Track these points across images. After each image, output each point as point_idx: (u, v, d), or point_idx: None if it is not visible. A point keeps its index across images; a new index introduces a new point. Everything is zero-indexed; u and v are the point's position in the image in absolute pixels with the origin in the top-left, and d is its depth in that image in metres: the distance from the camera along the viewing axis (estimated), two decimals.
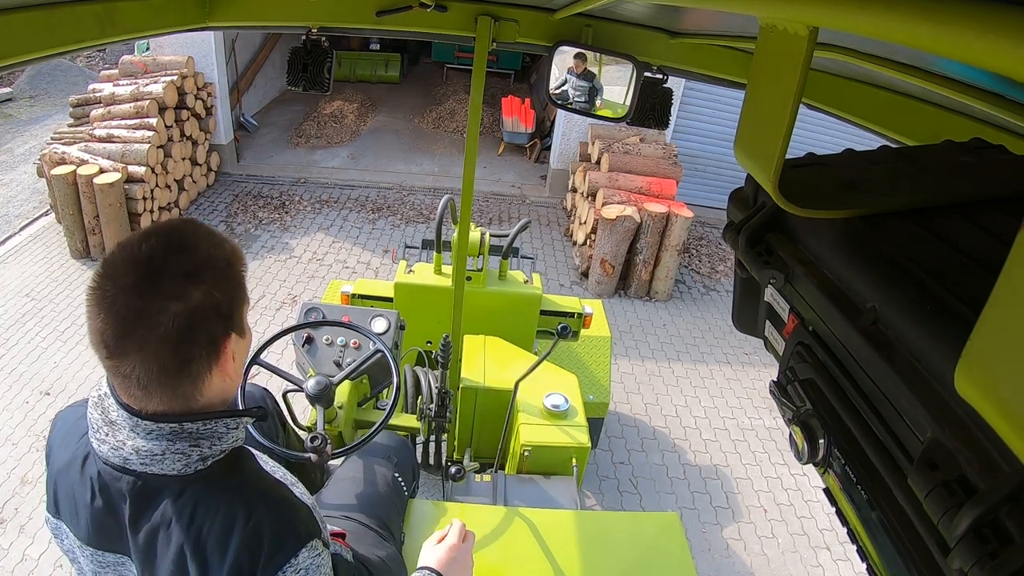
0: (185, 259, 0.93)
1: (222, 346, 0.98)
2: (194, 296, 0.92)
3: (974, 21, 0.33)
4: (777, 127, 0.56)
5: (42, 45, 1.14)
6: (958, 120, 1.03)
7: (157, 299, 0.90)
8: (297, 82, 2.10)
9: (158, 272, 0.91)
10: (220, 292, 0.96)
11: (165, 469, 0.97)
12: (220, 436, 1.01)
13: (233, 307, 0.99)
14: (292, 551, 0.99)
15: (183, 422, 0.97)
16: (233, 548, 0.96)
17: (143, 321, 0.89)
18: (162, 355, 0.91)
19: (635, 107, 1.96)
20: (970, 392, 0.38)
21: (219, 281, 0.96)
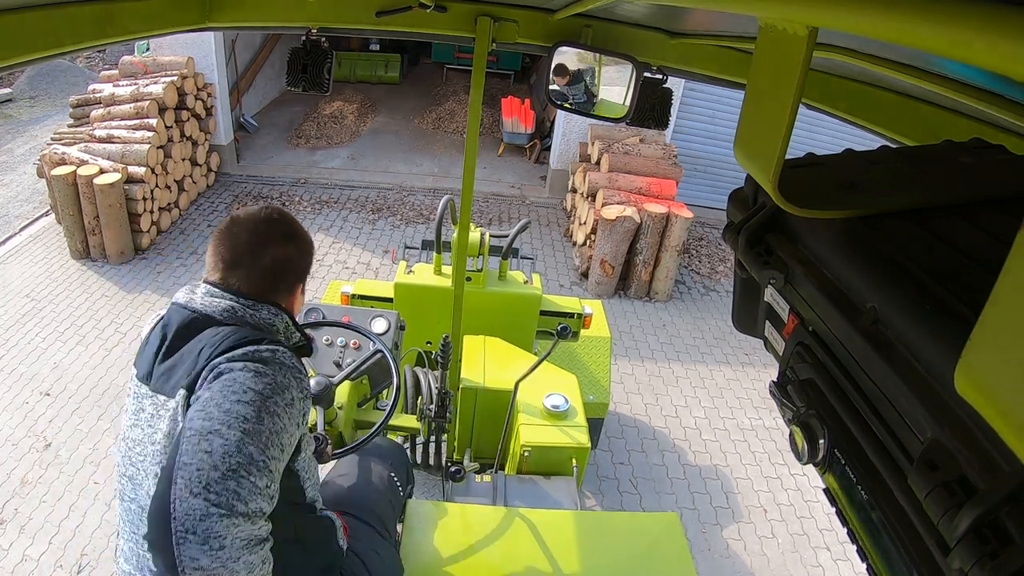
0: (286, 228, 1.44)
1: (295, 289, 1.47)
2: (288, 251, 1.42)
3: (974, 21, 0.33)
4: (777, 127, 0.56)
5: (42, 46, 1.14)
6: (958, 120, 1.04)
7: (266, 244, 1.39)
8: (297, 83, 2.10)
9: (269, 229, 1.41)
10: (301, 256, 1.47)
11: (215, 312, 1.32)
12: (266, 322, 1.37)
13: (306, 269, 1.49)
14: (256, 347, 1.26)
15: (247, 300, 1.36)
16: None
17: (254, 254, 1.37)
18: (256, 280, 1.37)
19: (635, 107, 1.96)
20: (970, 392, 0.38)
21: (302, 249, 1.48)
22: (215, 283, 1.37)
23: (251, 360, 1.22)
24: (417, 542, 2.04)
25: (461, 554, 2.03)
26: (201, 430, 1.11)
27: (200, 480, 1.07)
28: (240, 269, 1.36)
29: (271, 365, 1.23)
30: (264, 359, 1.23)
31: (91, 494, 3.55)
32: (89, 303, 5.28)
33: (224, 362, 1.21)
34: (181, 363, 1.28)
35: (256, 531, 1.11)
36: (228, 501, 1.07)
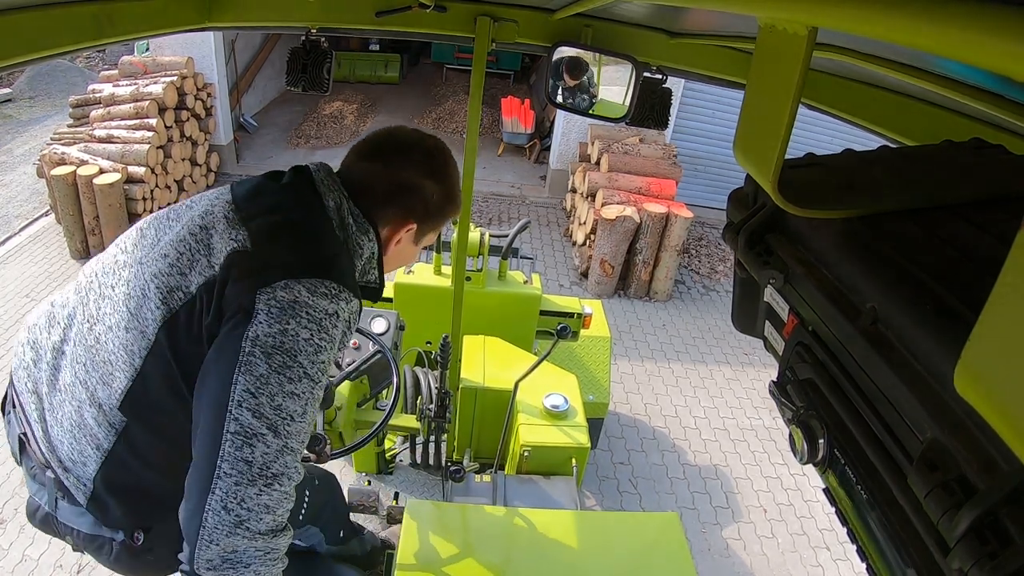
0: (442, 164, 1.32)
1: (406, 219, 1.31)
2: (423, 183, 1.29)
3: (974, 21, 0.33)
4: (776, 127, 0.56)
5: (41, 46, 1.14)
6: (957, 120, 1.04)
7: (411, 165, 1.29)
8: (296, 83, 2.10)
9: (428, 152, 1.31)
10: (433, 198, 1.31)
11: (318, 194, 1.27)
12: (356, 240, 1.26)
13: (430, 213, 1.33)
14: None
15: (356, 207, 1.26)
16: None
17: (399, 160, 1.28)
18: (386, 182, 1.28)
19: (634, 107, 1.96)
20: (969, 392, 0.38)
21: (444, 195, 1.33)
22: (338, 170, 1.31)
23: (314, 308, 1.05)
24: (417, 542, 2.04)
25: (461, 554, 2.03)
26: (247, 429, 1.00)
27: (236, 496, 0.98)
28: (375, 162, 1.28)
29: (331, 321, 1.08)
30: (327, 311, 1.07)
31: None
32: None
33: (284, 291, 1.04)
34: (231, 231, 1.13)
35: (276, 544, 1.04)
36: (257, 518, 1.00)
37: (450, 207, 1.37)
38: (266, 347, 1.02)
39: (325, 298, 1.08)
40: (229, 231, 1.15)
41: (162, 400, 1.15)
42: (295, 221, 1.18)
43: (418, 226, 1.34)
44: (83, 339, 1.22)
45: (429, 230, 1.39)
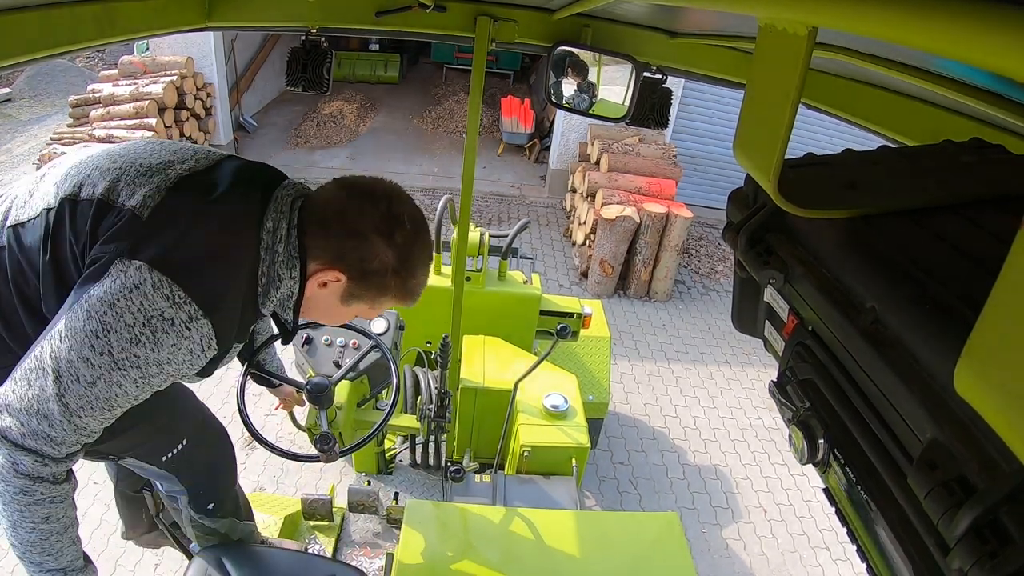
0: (402, 239, 1.20)
1: (335, 265, 1.20)
2: (373, 239, 1.18)
3: (974, 21, 0.33)
4: (776, 127, 0.56)
5: (41, 46, 1.14)
6: (957, 120, 1.04)
7: (376, 216, 1.19)
8: (296, 82, 2.10)
9: (394, 222, 1.20)
10: (375, 261, 1.19)
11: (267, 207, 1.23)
12: (276, 272, 1.21)
13: (366, 275, 1.21)
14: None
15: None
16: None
17: (371, 207, 1.19)
18: (339, 218, 1.19)
19: (634, 107, 1.96)
20: (969, 392, 0.38)
21: (384, 262, 1.20)
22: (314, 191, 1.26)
23: (149, 303, 1.07)
24: (417, 542, 2.04)
25: (461, 554, 2.03)
26: (41, 361, 1.10)
27: (7, 398, 1.10)
28: (349, 198, 1.20)
29: (162, 325, 1.08)
30: (161, 314, 1.08)
31: (91, 494, 3.55)
32: None
33: (136, 273, 1.06)
34: (156, 188, 1.15)
35: (32, 487, 1.12)
36: (13, 426, 1.09)
37: (393, 284, 1.24)
38: (91, 309, 1.04)
39: (166, 300, 1.06)
40: (156, 186, 1.15)
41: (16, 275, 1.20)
42: (204, 224, 1.14)
43: (348, 281, 1.22)
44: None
45: (362, 296, 1.26)
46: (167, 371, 1.11)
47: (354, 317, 1.36)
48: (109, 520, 3.42)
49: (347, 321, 1.40)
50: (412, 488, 3.16)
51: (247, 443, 4.04)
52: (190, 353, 1.12)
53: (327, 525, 2.81)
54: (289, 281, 1.22)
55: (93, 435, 1.14)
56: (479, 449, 3.15)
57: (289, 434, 4.06)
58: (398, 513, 2.80)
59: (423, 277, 1.30)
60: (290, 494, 3.52)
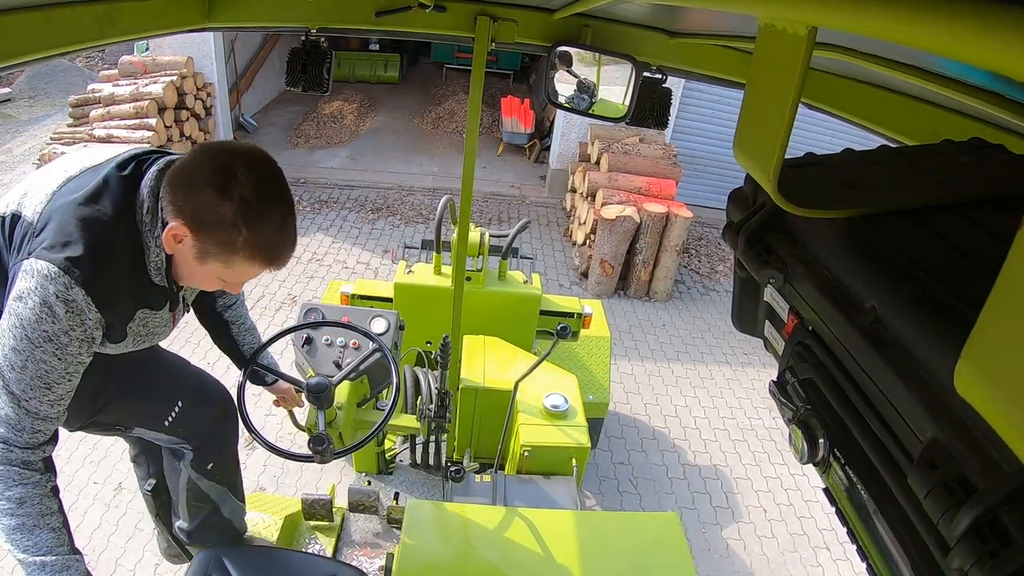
0: (241, 192, 1.26)
1: (176, 216, 1.29)
2: (206, 191, 1.25)
3: (974, 21, 0.33)
4: (776, 127, 0.56)
5: (41, 46, 1.14)
6: (957, 120, 1.04)
7: (214, 172, 1.27)
8: (296, 83, 2.10)
9: (227, 176, 1.26)
10: (210, 212, 1.26)
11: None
12: (146, 240, 1.38)
13: (204, 225, 1.28)
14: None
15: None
16: None
17: (215, 165, 1.27)
18: (187, 176, 1.30)
19: (634, 107, 1.96)
20: (970, 391, 0.38)
21: (221, 213, 1.26)
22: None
23: (39, 286, 1.25)
24: (417, 542, 2.04)
25: (461, 554, 2.03)
26: None
27: None
28: (204, 159, 1.30)
29: (51, 300, 1.26)
30: (48, 291, 1.25)
31: (91, 494, 3.55)
32: None
33: (27, 266, 1.27)
34: (43, 201, 1.37)
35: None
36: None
37: (240, 241, 1.29)
38: (9, 309, 1.25)
39: (50, 281, 1.23)
40: (46, 194, 1.35)
41: None
42: (77, 212, 1.30)
43: (192, 235, 1.29)
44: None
45: (212, 253, 1.32)
46: (75, 338, 1.28)
47: (218, 281, 1.42)
48: (109, 520, 3.43)
49: (217, 288, 1.47)
50: (412, 488, 3.16)
51: (247, 443, 4.04)
52: (79, 315, 1.27)
53: (327, 525, 2.81)
54: (156, 249, 1.37)
55: (51, 419, 1.30)
56: (479, 449, 3.15)
57: (289, 434, 4.06)
58: (398, 513, 2.80)
59: (276, 236, 1.33)
60: (290, 494, 3.52)
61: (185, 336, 4.97)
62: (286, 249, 1.37)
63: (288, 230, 1.36)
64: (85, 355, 1.33)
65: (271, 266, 1.38)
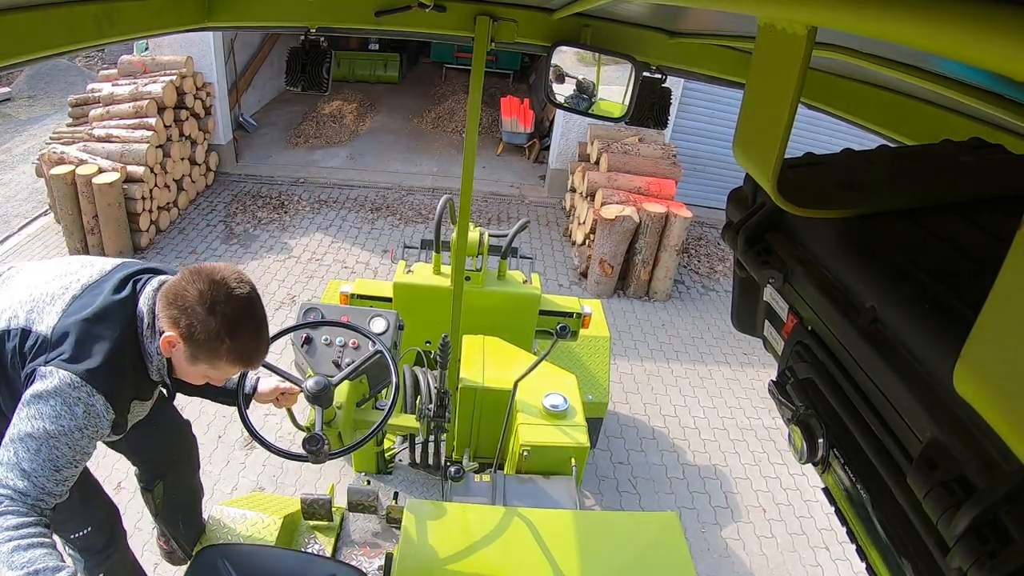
0: (226, 310, 1.54)
1: (172, 328, 1.54)
2: (196, 308, 1.51)
3: (974, 21, 0.33)
4: (776, 127, 0.56)
5: (41, 45, 1.14)
6: (957, 120, 1.04)
7: (203, 289, 1.53)
8: (295, 82, 2.10)
9: (215, 293, 1.54)
10: (199, 326, 1.52)
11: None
12: (146, 349, 1.65)
13: (195, 339, 1.53)
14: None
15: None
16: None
17: (200, 284, 1.53)
18: (178, 295, 1.55)
19: (634, 107, 1.96)
20: (969, 391, 0.38)
21: (208, 329, 1.52)
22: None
23: (60, 389, 1.46)
24: (416, 542, 2.04)
25: (460, 554, 2.03)
26: (3, 438, 1.47)
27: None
28: (191, 282, 1.55)
29: (70, 401, 1.47)
30: (69, 395, 1.46)
31: None
32: None
33: (48, 369, 1.49)
34: (54, 317, 1.58)
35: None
36: None
37: (224, 350, 1.55)
38: (29, 404, 1.45)
39: (71, 387, 1.46)
40: (57, 311, 1.57)
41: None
42: (89, 330, 1.53)
43: (184, 344, 1.54)
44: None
45: (201, 358, 1.57)
46: (87, 435, 1.48)
47: (204, 377, 1.68)
48: None
49: (203, 382, 1.73)
50: (412, 488, 3.15)
51: (247, 443, 4.04)
52: (96, 417, 1.49)
53: (327, 525, 2.81)
54: (158, 357, 1.63)
55: (55, 495, 1.46)
56: (479, 449, 3.15)
57: (289, 434, 4.06)
58: (398, 513, 2.80)
59: (253, 344, 1.60)
60: (289, 494, 3.52)
61: None
62: (260, 353, 1.65)
63: (263, 338, 1.64)
64: (92, 447, 1.53)
65: (249, 367, 1.68)
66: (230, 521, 2.65)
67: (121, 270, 1.68)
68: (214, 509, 2.70)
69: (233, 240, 6.40)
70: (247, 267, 5.95)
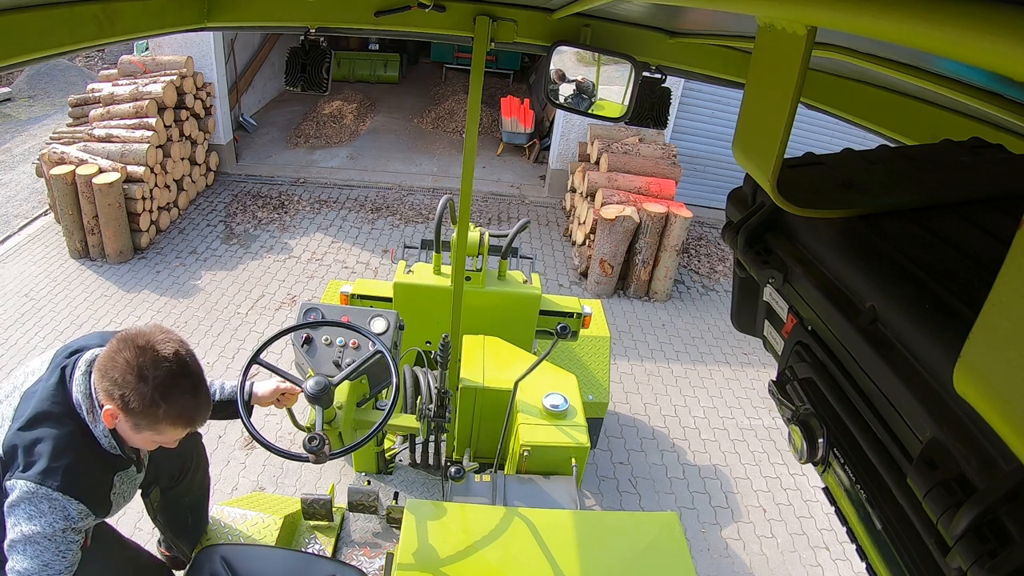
0: (156, 377, 1.56)
1: (108, 401, 1.57)
2: (128, 378, 1.54)
3: (973, 21, 0.33)
4: (776, 127, 0.56)
5: (41, 45, 1.14)
6: (957, 120, 1.04)
7: (135, 358, 1.55)
8: (295, 82, 2.10)
9: (144, 360, 1.56)
10: (133, 398, 1.54)
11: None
12: (90, 420, 1.66)
13: (130, 409, 1.54)
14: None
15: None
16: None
17: (132, 352, 1.56)
18: (111, 366, 1.58)
19: (633, 107, 1.96)
20: (969, 391, 0.38)
21: (141, 398, 1.54)
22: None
23: (35, 496, 1.56)
24: (417, 542, 2.04)
25: (460, 554, 2.03)
26: (6, 542, 1.59)
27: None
28: (121, 350, 1.58)
29: (45, 506, 1.55)
30: (41, 502, 1.55)
31: None
32: (88, 303, 5.28)
33: (22, 483, 1.57)
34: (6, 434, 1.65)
35: None
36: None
37: (162, 414, 1.56)
38: (5, 513, 1.56)
39: (29, 492, 1.53)
40: (2, 434, 1.62)
41: None
42: (29, 436, 1.57)
43: (123, 414, 1.56)
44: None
45: (143, 425, 1.59)
46: (59, 529, 1.55)
47: (154, 443, 1.69)
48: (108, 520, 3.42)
49: (155, 447, 1.74)
50: (412, 488, 3.16)
51: (247, 443, 4.04)
52: (63, 510, 1.56)
53: (327, 525, 2.81)
54: (102, 434, 1.65)
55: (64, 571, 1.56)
56: (479, 449, 3.15)
57: (289, 434, 4.06)
58: (398, 513, 2.80)
59: (190, 402, 1.60)
60: (290, 494, 3.52)
61: (185, 336, 4.96)
62: (200, 411, 1.65)
63: (199, 394, 1.63)
64: (74, 536, 1.59)
65: (192, 426, 1.67)
66: (230, 521, 2.65)
67: (56, 361, 1.71)
68: (214, 509, 2.70)
69: (233, 240, 6.40)
70: (247, 267, 5.96)
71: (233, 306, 5.39)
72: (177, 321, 5.16)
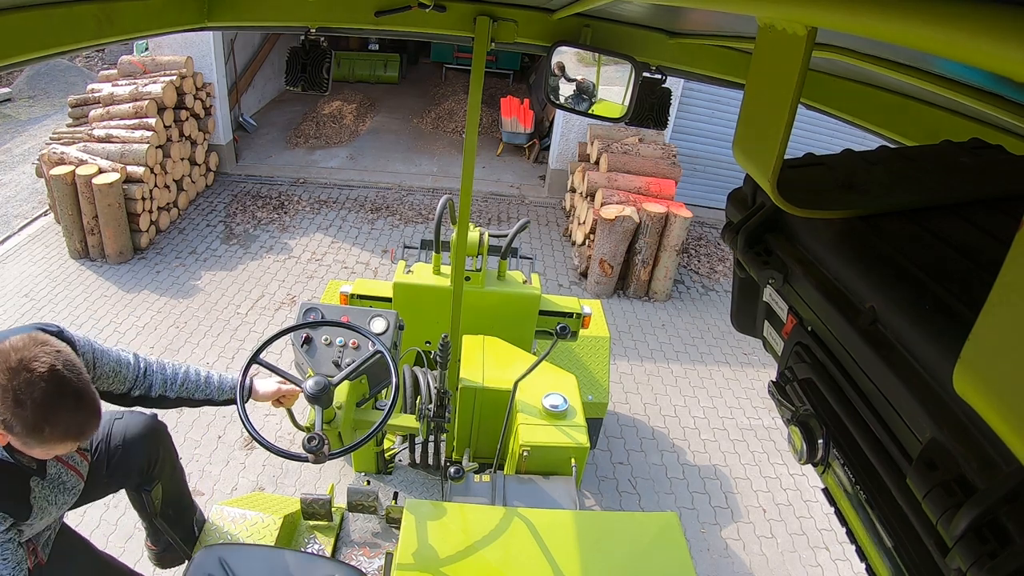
0: (23, 398, 1.48)
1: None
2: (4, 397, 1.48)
3: (973, 21, 0.33)
4: (776, 127, 0.56)
5: (41, 45, 1.14)
6: (957, 120, 1.04)
7: (12, 383, 1.50)
8: (295, 82, 2.10)
9: (13, 381, 1.49)
10: (14, 423, 1.48)
11: None
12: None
13: (13, 431, 1.49)
14: None
15: None
16: None
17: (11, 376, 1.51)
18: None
19: (634, 107, 1.96)
20: (969, 392, 0.38)
21: (21, 422, 1.48)
22: None
23: None
24: (416, 542, 2.04)
25: (460, 554, 2.03)
26: None
27: None
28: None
29: None
30: None
31: None
32: (88, 303, 5.28)
33: None
34: None
35: None
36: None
37: (47, 432, 1.50)
38: None
39: None
40: None
41: None
42: None
43: (10, 436, 1.51)
44: None
45: (31, 444, 1.54)
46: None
47: (51, 455, 1.65)
48: (109, 520, 3.42)
49: (53, 456, 1.69)
50: (411, 488, 3.16)
51: (247, 443, 4.04)
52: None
53: (326, 525, 2.81)
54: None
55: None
56: (478, 449, 3.15)
57: (289, 434, 4.06)
58: (397, 513, 2.80)
59: (76, 418, 1.54)
60: (289, 494, 3.52)
61: (185, 336, 4.98)
62: (89, 424, 1.57)
63: (83, 408, 1.55)
64: (10, 543, 1.61)
65: (82, 440, 1.60)
66: (230, 521, 2.65)
67: None
68: (214, 509, 2.70)
69: (233, 240, 6.40)
70: (247, 267, 5.96)
71: (233, 306, 5.39)
72: (177, 321, 5.16)
